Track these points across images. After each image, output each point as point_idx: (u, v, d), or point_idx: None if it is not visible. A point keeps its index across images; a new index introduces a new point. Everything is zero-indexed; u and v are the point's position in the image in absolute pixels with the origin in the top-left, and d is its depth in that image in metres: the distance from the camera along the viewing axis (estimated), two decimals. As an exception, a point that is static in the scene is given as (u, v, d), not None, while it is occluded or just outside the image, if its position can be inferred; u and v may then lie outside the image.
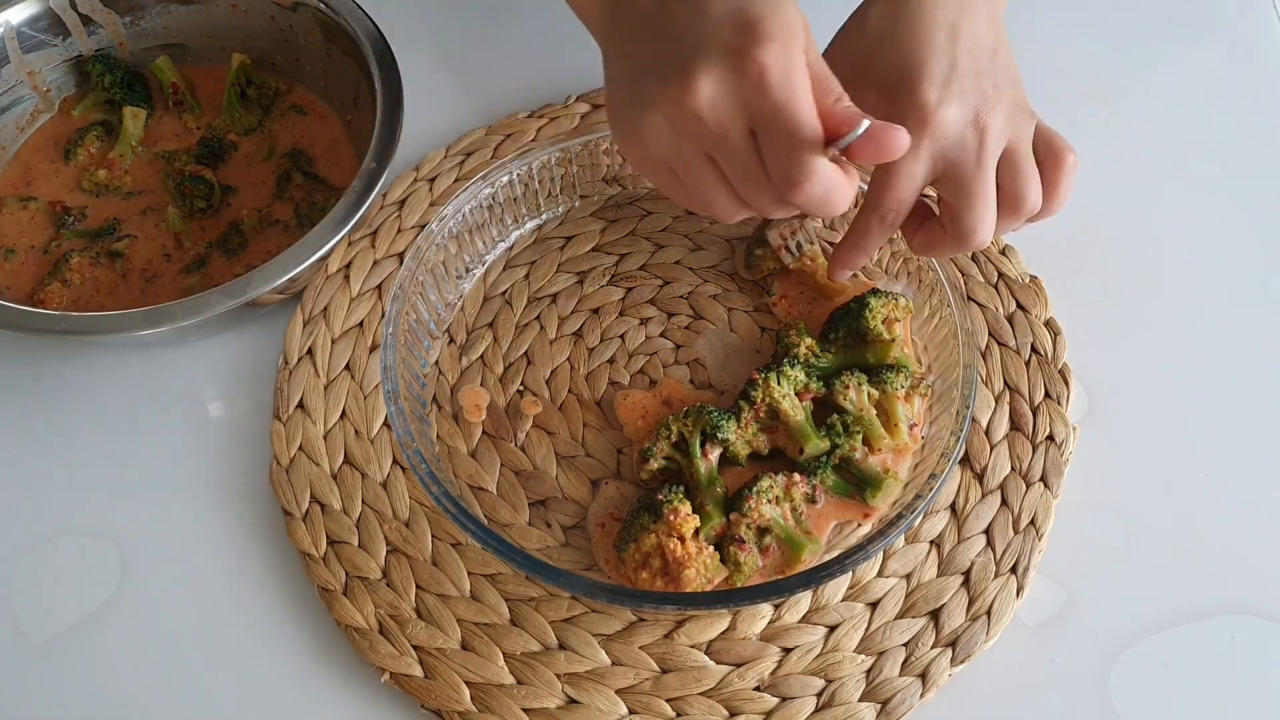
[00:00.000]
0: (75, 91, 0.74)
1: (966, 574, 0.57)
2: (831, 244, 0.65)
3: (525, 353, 0.65)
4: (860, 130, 0.44)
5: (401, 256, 0.68)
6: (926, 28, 0.51)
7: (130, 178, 0.71)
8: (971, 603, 0.57)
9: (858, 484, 0.58)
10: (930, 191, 0.54)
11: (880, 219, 0.53)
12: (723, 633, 0.56)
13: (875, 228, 0.54)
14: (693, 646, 0.56)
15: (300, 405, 0.63)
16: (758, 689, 0.55)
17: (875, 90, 0.52)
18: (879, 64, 0.52)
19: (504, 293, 0.67)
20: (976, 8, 0.52)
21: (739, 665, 0.55)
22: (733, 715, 0.54)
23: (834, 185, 0.45)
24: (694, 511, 0.54)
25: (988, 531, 0.59)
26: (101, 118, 0.73)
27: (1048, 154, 0.52)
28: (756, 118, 0.44)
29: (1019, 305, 0.66)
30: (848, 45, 0.55)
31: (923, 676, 0.55)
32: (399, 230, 0.69)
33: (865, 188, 0.54)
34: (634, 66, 0.48)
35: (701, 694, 0.55)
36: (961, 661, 0.55)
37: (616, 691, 0.55)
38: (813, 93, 0.45)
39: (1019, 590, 0.57)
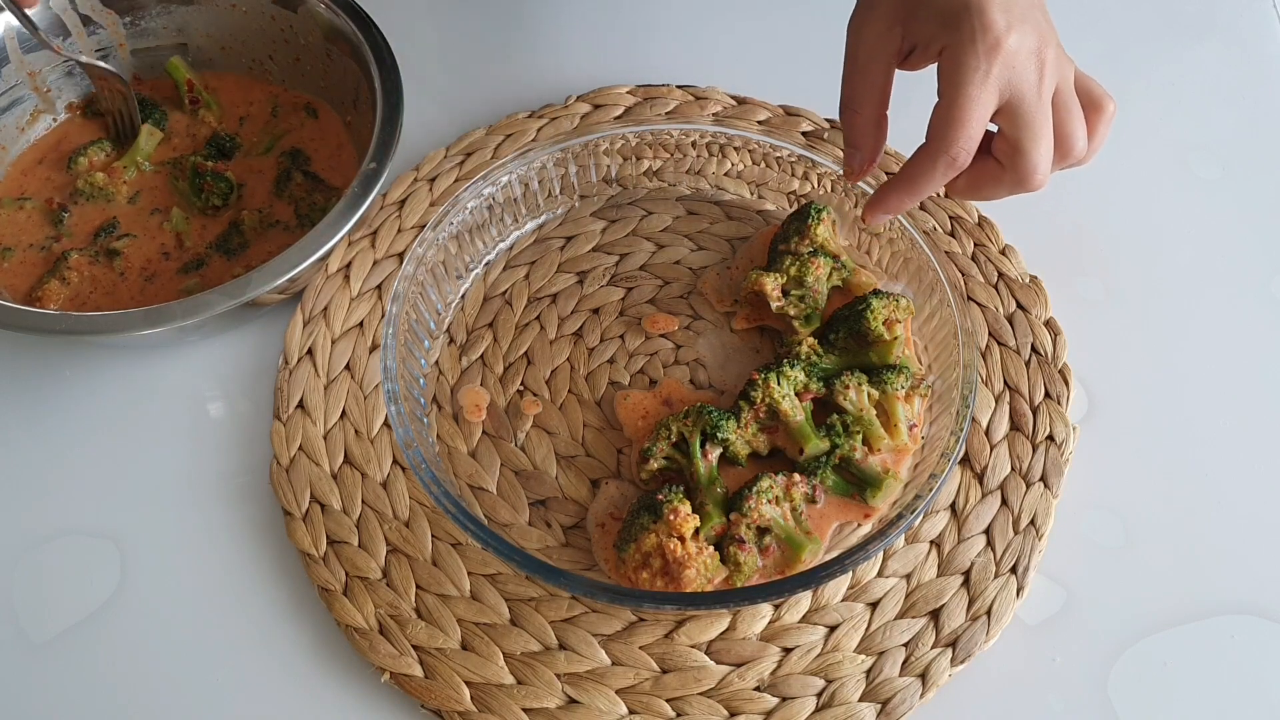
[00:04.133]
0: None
1: (966, 574, 0.57)
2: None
3: (525, 353, 0.65)
4: None
5: (401, 256, 0.68)
6: None
7: (128, 187, 0.71)
8: (971, 603, 0.57)
9: (858, 484, 0.58)
10: None
11: (950, 160, 0.50)
12: (723, 633, 0.56)
13: (942, 170, 0.50)
14: (693, 646, 0.56)
15: (300, 405, 0.63)
16: (758, 689, 0.55)
17: (934, 16, 0.50)
18: None
19: (504, 293, 0.67)
20: None
21: (739, 665, 0.55)
22: (733, 715, 0.54)
23: None
24: (694, 511, 0.54)
25: (988, 531, 0.59)
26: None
27: (1088, 100, 0.52)
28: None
29: (1019, 305, 0.66)
30: None
31: (923, 677, 0.55)
32: (399, 230, 0.69)
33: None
34: None
35: (701, 694, 0.55)
36: (961, 662, 0.55)
37: (616, 691, 0.55)
38: None
39: (1019, 590, 0.57)
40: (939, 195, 0.71)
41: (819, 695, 0.55)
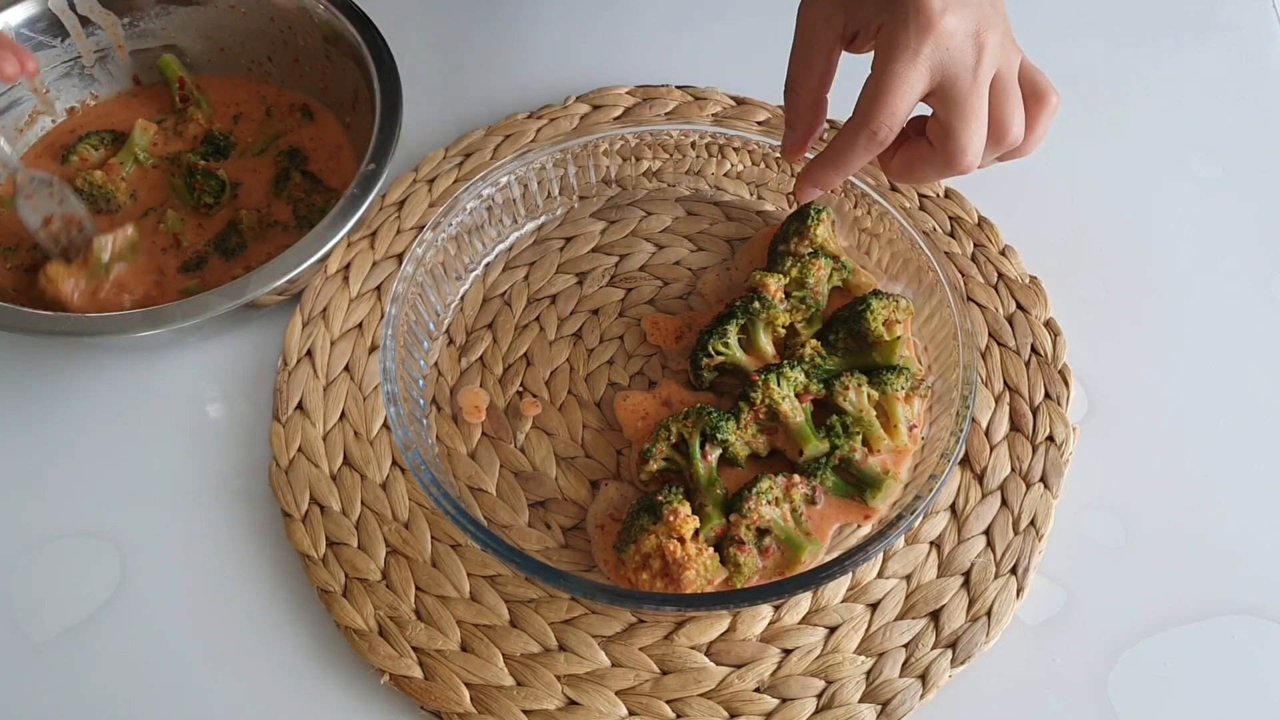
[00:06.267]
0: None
1: (966, 575, 0.57)
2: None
3: (525, 354, 0.65)
4: None
5: (401, 257, 0.68)
6: None
7: (126, 184, 0.71)
8: (972, 603, 0.57)
9: (858, 485, 0.58)
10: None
11: (871, 135, 0.50)
12: (723, 634, 0.56)
13: (863, 145, 0.50)
14: (693, 648, 0.56)
15: (299, 406, 0.63)
16: (758, 690, 0.55)
17: None
18: None
19: (503, 294, 0.67)
20: None
21: (739, 666, 0.55)
22: (733, 716, 0.54)
23: None
24: (694, 512, 0.54)
25: (988, 532, 0.59)
26: (111, 126, 0.73)
27: (1031, 91, 0.51)
28: None
29: (1019, 305, 0.66)
30: None
31: (923, 677, 0.55)
32: (398, 231, 0.69)
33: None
34: None
35: (701, 695, 0.55)
36: (962, 662, 0.55)
37: (616, 693, 0.55)
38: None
39: (1019, 591, 0.57)
40: (937, 194, 0.71)
41: (819, 696, 0.55)
